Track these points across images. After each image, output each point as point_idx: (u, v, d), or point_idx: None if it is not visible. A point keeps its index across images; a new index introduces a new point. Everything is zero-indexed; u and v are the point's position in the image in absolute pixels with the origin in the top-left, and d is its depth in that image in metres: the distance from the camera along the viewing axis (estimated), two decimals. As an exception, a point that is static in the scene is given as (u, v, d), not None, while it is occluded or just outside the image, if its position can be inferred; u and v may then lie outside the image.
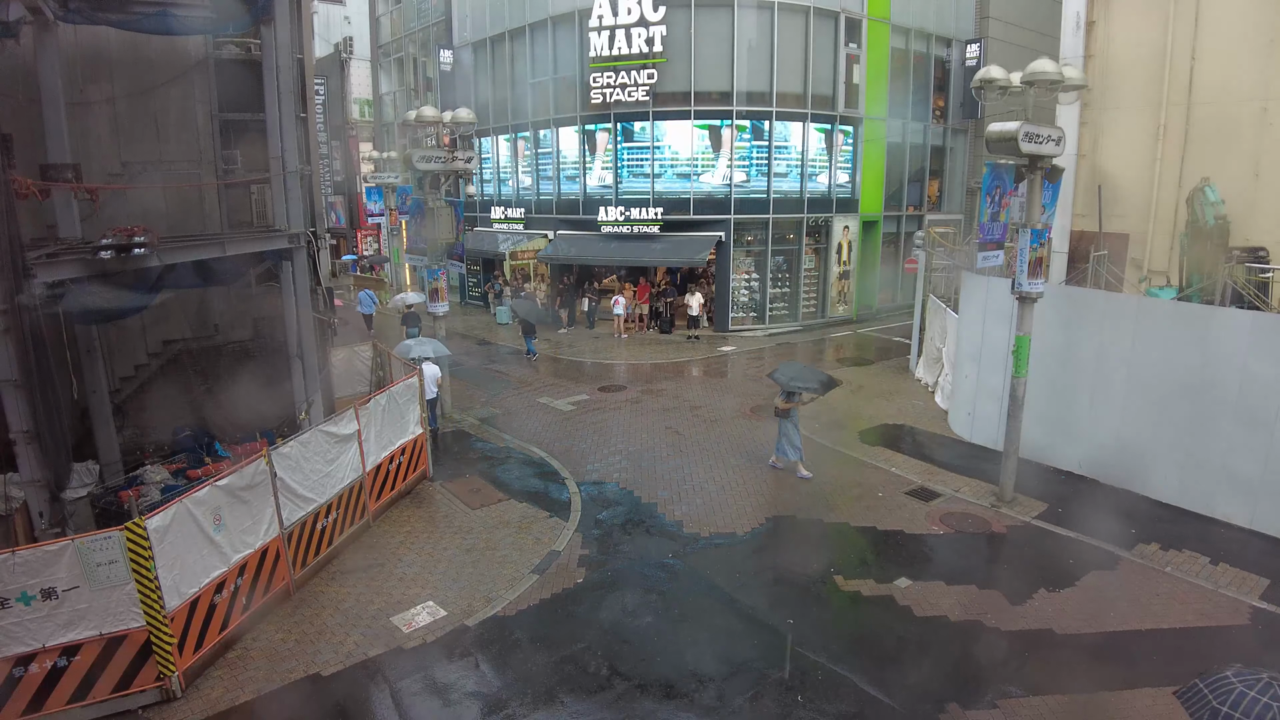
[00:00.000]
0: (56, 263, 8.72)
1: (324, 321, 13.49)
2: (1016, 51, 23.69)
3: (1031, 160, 10.35)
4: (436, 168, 15.01)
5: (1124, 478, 11.65)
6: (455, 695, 7.49)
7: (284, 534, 8.90)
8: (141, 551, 6.95)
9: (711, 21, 23.11)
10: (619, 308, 24.69)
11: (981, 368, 13.70)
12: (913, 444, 14.14)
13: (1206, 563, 9.63)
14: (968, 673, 7.70)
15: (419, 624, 8.54)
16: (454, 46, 29.75)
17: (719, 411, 16.30)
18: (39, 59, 9.51)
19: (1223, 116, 14.16)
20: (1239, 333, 10.33)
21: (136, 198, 11.77)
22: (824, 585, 9.35)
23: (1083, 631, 8.25)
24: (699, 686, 7.51)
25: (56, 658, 6.94)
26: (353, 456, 10.32)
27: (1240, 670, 5.28)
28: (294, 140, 11.47)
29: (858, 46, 25.05)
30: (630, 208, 24.57)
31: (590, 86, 24.08)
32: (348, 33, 39.64)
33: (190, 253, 10.24)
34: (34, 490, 8.43)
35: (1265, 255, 12.69)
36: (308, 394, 12.08)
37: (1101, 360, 11.83)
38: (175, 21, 10.18)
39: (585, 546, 10.41)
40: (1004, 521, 10.96)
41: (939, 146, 29.30)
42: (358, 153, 38.91)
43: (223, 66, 12.91)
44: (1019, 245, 10.71)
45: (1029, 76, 10.22)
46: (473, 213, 29.96)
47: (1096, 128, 16.15)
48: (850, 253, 26.66)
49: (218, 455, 12.37)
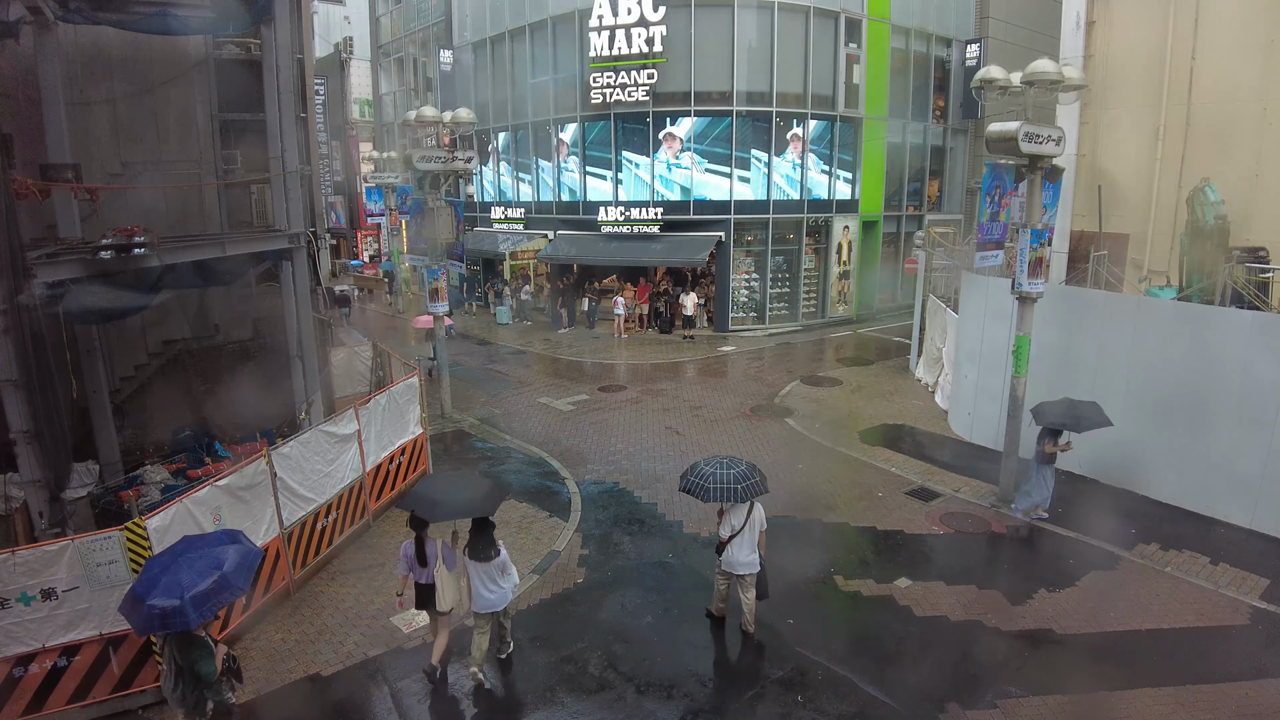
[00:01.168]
0: (56, 263, 8.71)
1: (324, 321, 13.49)
2: (1016, 51, 23.70)
3: (1031, 160, 10.34)
4: (436, 168, 15.01)
5: (1124, 478, 11.65)
6: (455, 695, 7.48)
7: (284, 534, 8.90)
8: (141, 552, 6.94)
9: (711, 21, 23.12)
10: (619, 308, 24.70)
11: (981, 368, 13.70)
12: (913, 444, 14.14)
13: (1206, 563, 9.62)
14: (968, 673, 7.70)
15: (419, 624, 8.53)
16: (454, 47, 29.75)
17: (719, 412, 16.29)
18: (39, 59, 9.51)
19: (1223, 116, 14.17)
20: (1239, 333, 10.33)
21: (136, 198, 11.76)
22: (824, 585, 9.35)
23: (1083, 631, 8.24)
24: (699, 686, 7.51)
25: (56, 658, 6.94)
26: (353, 456, 10.32)
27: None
28: (294, 140, 11.46)
29: (858, 46, 25.05)
30: (630, 208, 24.58)
31: (590, 86, 24.09)
32: (348, 33, 39.68)
33: (190, 253, 10.24)
34: (34, 490, 8.42)
35: (1265, 255, 12.68)
36: (308, 394, 12.08)
37: (1101, 360, 11.82)
38: (175, 21, 10.18)
39: (585, 546, 10.40)
40: (1004, 521, 10.96)
41: (939, 146, 29.31)
42: (358, 153, 38.93)
43: (223, 66, 12.92)
44: (1019, 245, 10.71)
45: (1029, 76, 10.21)
46: (473, 212, 29.97)
47: (1096, 128, 16.16)
48: (850, 253, 26.66)
49: (218, 455, 12.37)
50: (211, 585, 5.78)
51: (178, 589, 5.67)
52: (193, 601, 5.63)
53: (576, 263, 26.68)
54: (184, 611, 5.59)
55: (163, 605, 5.59)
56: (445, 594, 7.42)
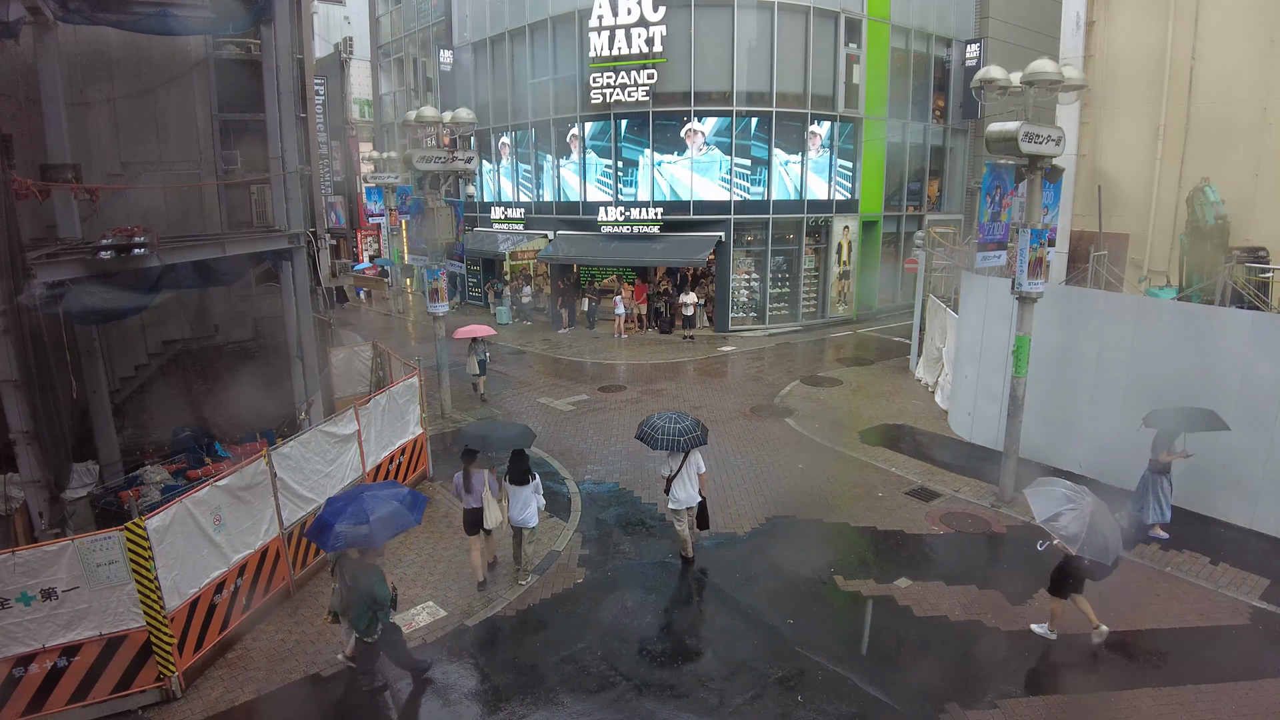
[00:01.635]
0: (56, 263, 8.72)
1: (324, 321, 13.49)
2: (1016, 51, 23.69)
3: (1031, 160, 10.35)
4: (436, 168, 15.01)
5: (1124, 478, 11.61)
6: (455, 695, 7.48)
7: (284, 534, 8.90)
8: (141, 552, 6.95)
9: (711, 21, 23.11)
10: (619, 308, 24.70)
11: (981, 368, 13.69)
12: (913, 444, 14.14)
13: (1206, 563, 9.62)
14: (968, 673, 7.70)
15: (419, 624, 8.54)
16: (454, 47, 29.75)
17: (719, 412, 16.29)
18: (39, 59, 9.52)
19: (1223, 116, 14.17)
20: (1239, 333, 10.33)
21: (136, 198, 11.77)
22: (824, 585, 9.35)
23: (1083, 631, 8.24)
24: (699, 686, 7.51)
25: (56, 658, 6.94)
26: (353, 456, 10.32)
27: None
28: (294, 140, 11.47)
29: (858, 46, 25.05)
30: (630, 208, 24.58)
31: (590, 87, 24.09)
32: (348, 33, 39.65)
33: (190, 253, 10.25)
34: (34, 490, 8.42)
35: (1265, 255, 12.68)
36: (308, 394, 12.08)
37: (1101, 360, 11.82)
38: (175, 21, 10.19)
39: (585, 546, 10.41)
40: (1004, 521, 10.96)
41: (939, 146, 29.31)
42: (358, 153, 38.90)
43: (223, 66, 12.92)
44: (1019, 245, 10.71)
45: (1029, 76, 10.21)
46: (473, 213, 29.97)
47: (1096, 128, 16.15)
48: (850, 253, 26.66)
49: (218, 455, 12.36)
50: (390, 513, 6.98)
51: (363, 515, 6.86)
52: (376, 525, 6.81)
53: (576, 263, 26.67)
54: (370, 534, 6.79)
55: (350, 529, 6.78)
56: (490, 514, 9.07)
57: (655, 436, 9.38)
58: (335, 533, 6.76)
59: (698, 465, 9.65)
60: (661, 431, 9.38)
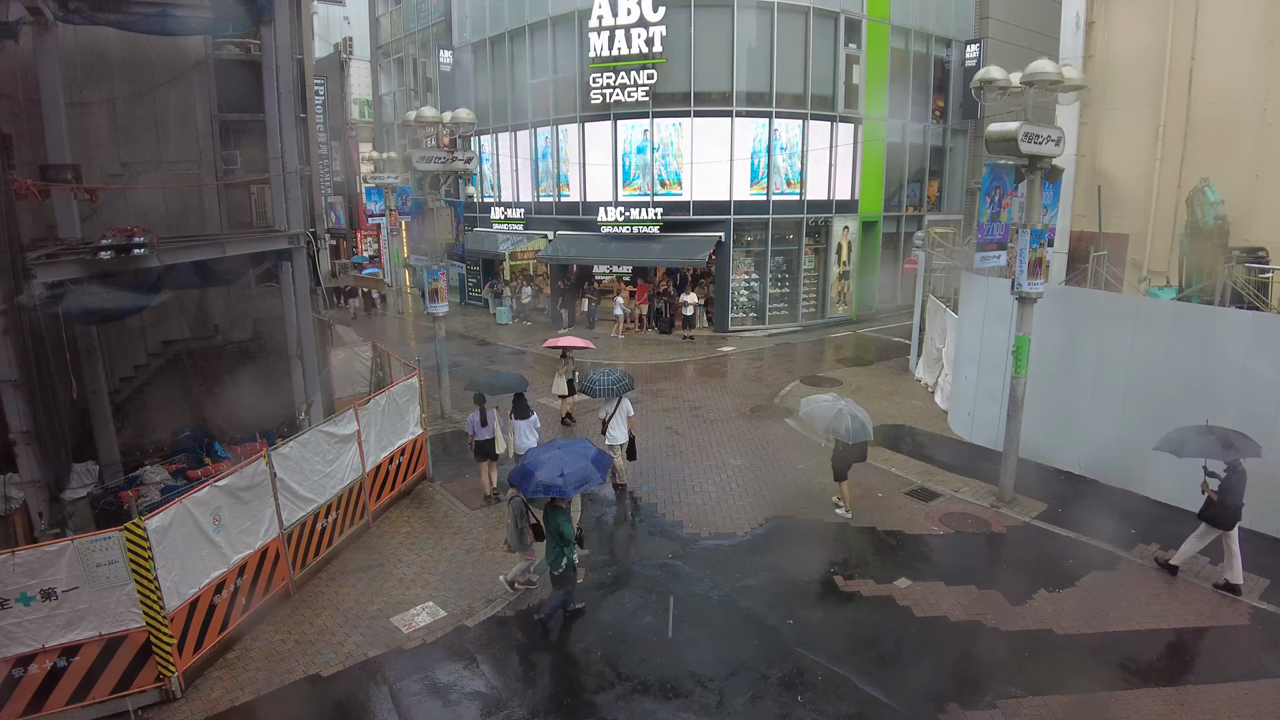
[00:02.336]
0: (56, 263, 8.72)
1: (324, 321, 13.49)
2: (1016, 52, 23.68)
3: (1031, 160, 10.35)
4: (436, 168, 15.01)
5: (1124, 478, 11.65)
6: (455, 696, 7.48)
7: (284, 534, 8.89)
8: (141, 552, 6.94)
9: (711, 22, 23.12)
10: (619, 308, 24.69)
11: (981, 368, 13.69)
12: (913, 444, 14.14)
13: (1206, 563, 9.62)
14: (968, 673, 7.70)
15: (419, 624, 8.54)
16: (454, 47, 29.74)
17: (719, 412, 16.29)
18: (39, 59, 9.52)
19: (1223, 116, 14.17)
20: (1239, 333, 10.33)
21: (136, 198, 11.77)
22: (824, 585, 9.35)
23: (1083, 631, 8.24)
24: (699, 687, 7.51)
25: (56, 658, 6.94)
26: (352, 457, 10.32)
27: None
28: (294, 140, 11.46)
29: (857, 47, 25.06)
30: (630, 208, 24.58)
31: (590, 87, 24.09)
32: (347, 33, 39.64)
33: (190, 253, 10.24)
34: (34, 491, 8.43)
35: (1265, 255, 12.68)
36: (307, 394, 12.08)
37: (1101, 360, 11.82)
38: (175, 22, 10.19)
39: (585, 547, 10.40)
40: (1004, 522, 10.96)
41: (939, 147, 29.32)
42: (357, 153, 38.89)
43: (223, 67, 12.92)
44: (1019, 245, 10.70)
45: (1029, 77, 10.21)
46: (473, 213, 29.96)
47: (1096, 128, 16.16)
48: (850, 253, 26.66)
49: (217, 455, 12.36)
50: (581, 469, 8.17)
51: (559, 467, 8.09)
52: (569, 478, 8.01)
53: (576, 263, 26.68)
54: (564, 485, 7.98)
55: (548, 479, 8.00)
56: (498, 443, 11.58)
57: (593, 388, 11.78)
58: (536, 481, 8.00)
59: (626, 410, 11.89)
60: (598, 384, 11.76)
